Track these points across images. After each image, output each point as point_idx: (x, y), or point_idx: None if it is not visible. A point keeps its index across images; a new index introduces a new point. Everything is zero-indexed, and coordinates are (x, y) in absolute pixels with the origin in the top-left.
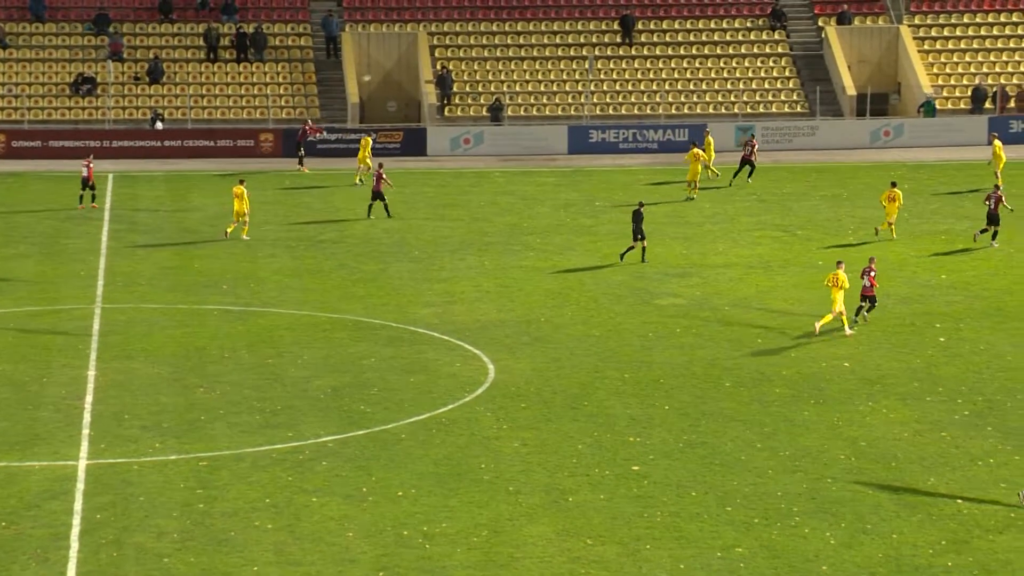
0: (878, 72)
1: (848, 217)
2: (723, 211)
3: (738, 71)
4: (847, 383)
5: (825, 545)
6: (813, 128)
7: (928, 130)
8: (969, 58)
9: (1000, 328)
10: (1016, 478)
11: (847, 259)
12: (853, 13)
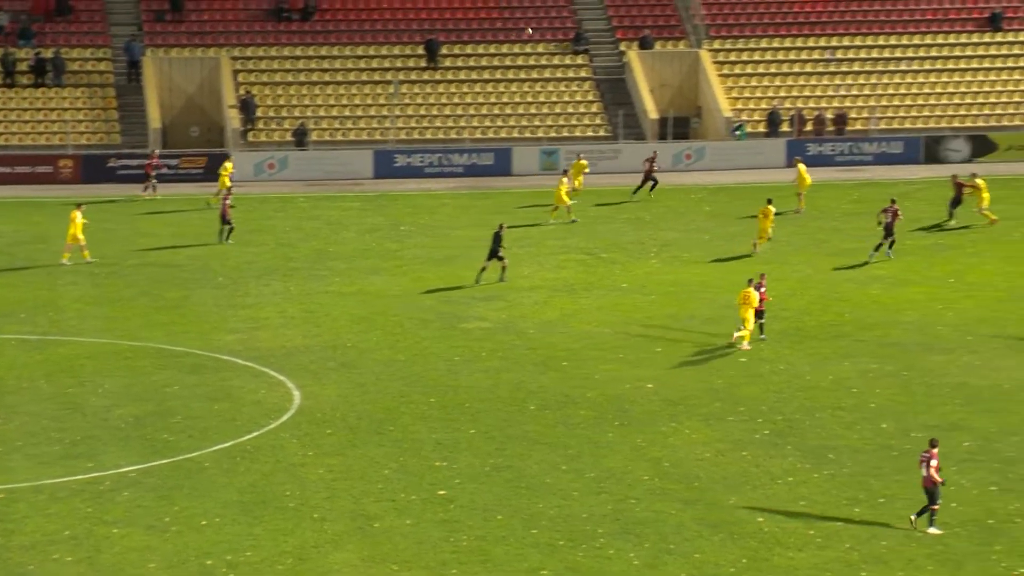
0: (679, 96)
1: (651, 240)
2: (529, 235)
3: (542, 95)
4: (650, 404)
5: (629, 566)
6: (616, 151)
7: (728, 153)
8: (767, 82)
9: (799, 348)
10: (815, 496)
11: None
12: (654, 38)
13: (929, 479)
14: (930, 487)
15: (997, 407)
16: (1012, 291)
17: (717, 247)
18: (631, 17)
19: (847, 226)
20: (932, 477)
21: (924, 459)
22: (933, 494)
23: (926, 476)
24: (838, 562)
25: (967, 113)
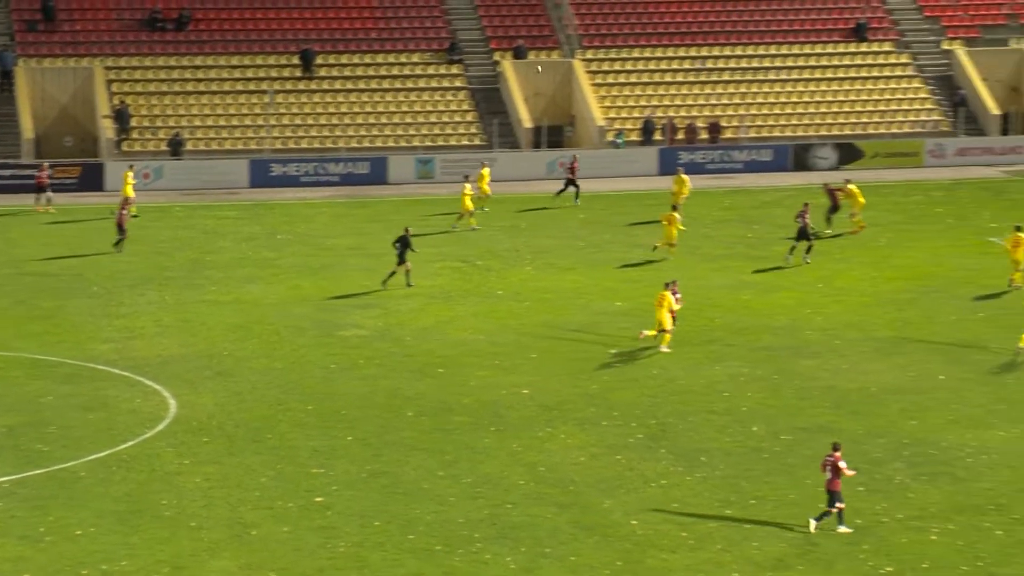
0: (553, 105)
1: (525, 247)
2: None
3: (417, 104)
4: (526, 410)
5: (505, 570)
6: (491, 160)
7: (602, 161)
8: (640, 91)
9: (672, 353)
10: (688, 498)
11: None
12: (528, 48)
13: (833, 482)
14: (834, 490)
15: (864, 410)
16: (878, 296)
17: (589, 254)
18: (505, 27)
19: (718, 233)
20: (837, 481)
21: (828, 462)
22: (835, 496)
23: (830, 479)
24: (710, 563)
25: (834, 122)
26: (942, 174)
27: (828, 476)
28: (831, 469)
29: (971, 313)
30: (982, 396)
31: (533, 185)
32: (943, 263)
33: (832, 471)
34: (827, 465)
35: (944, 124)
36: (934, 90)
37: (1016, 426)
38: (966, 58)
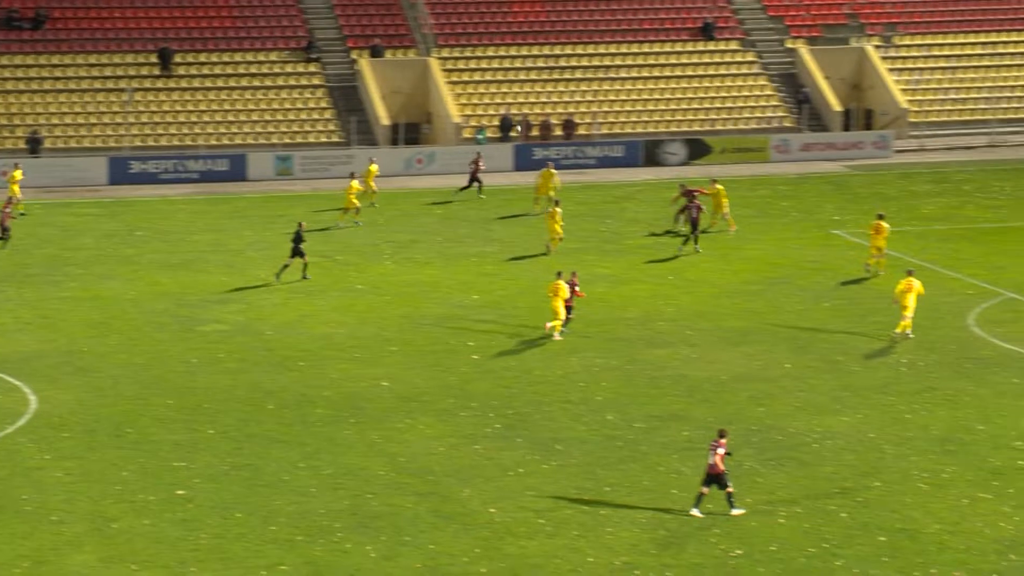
0: (410, 103)
1: (386, 243)
2: (263, 238)
3: (275, 102)
4: (385, 402)
5: (366, 559)
6: (350, 157)
7: (458, 158)
8: (495, 89)
9: (528, 345)
10: (544, 486)
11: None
12: (384, 47)
13: (715, 466)
14: (717, 473)
15: (714, 397)
16: (727, 287)
17: (446, 248)
18: (361, 26)
19: (572, 227)
20: (718, 464)
21: (713, 447)
22: (722, 479)
23: (712, 463)
24: (566, 549)
25: (683, 118)
26: (787, 169)
27: (710, 460)
28: (712, 453)
29: (816, 303)
30: (827, 383)
31: (391, 182)
32: (789, 255)
33: (714, 456)
34: (712, 450)
35: (789, 120)
36: (779, 87)
37: (859, 412)
38: (809, 56)
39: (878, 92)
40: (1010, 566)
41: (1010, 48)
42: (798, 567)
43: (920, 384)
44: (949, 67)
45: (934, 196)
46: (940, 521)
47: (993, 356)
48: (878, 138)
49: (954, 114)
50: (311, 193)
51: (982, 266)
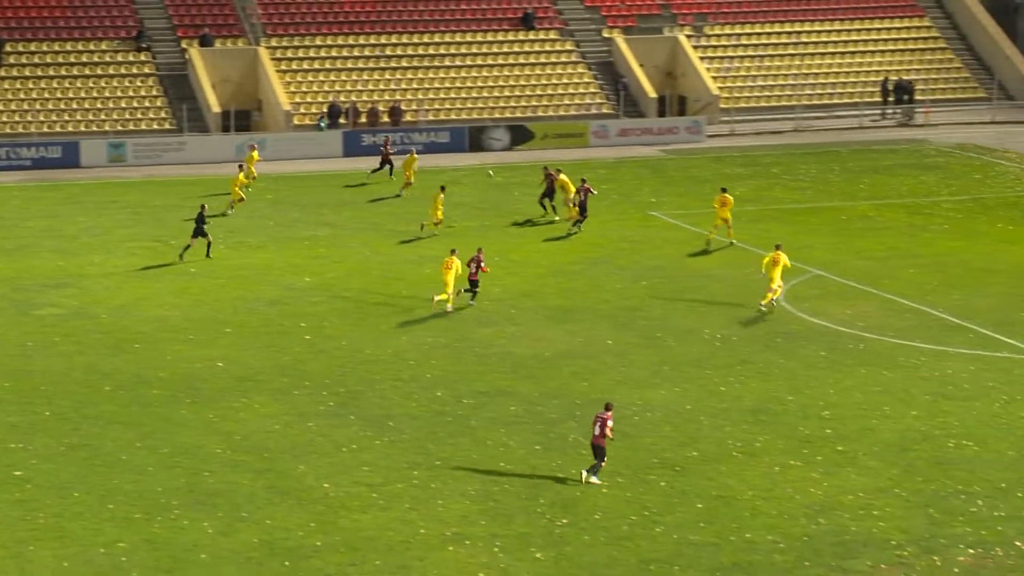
0: (240, 91)
1: (218, 226)
2: (98, 224)
3: (107, 90)
4: (221, 382)
5: (203, 535)
6: (182, 144)
7: (288, 144)
8: (323, 77)
9: (360, 325)
10: (377, 461)
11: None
12: (214, 36)
13: (600, 438)
14: (600, 445)
15: (539, 373)
16: (550, 267)
17: (278, 232)
18: (191, 16)
19: (401, 210)
20: (602, 438)
21: (599, 420)
22: (602, 451)
23: (597, 435)
24: (399, 521)
25: (506, 105)
26: (606, 153)
27: (595, 432)
28: (599, 426)
29: (635, 282)
30: (646, 359)
31: (223, 167)
32: (609, 236)
33: (599, 428)
34: (597, 422)
35: (607, 107)
36: (596, 75)
37: (677, 385)
38: (625, 45)
39: (691, 80)
40: (819, 530)
41: (813, 37)
42: (620, 534)
43: (734, 358)
44: (757, 56)
45: (744, 179)
46: (753, 488)
47: (801, 330)
48: (691, 123)
49: (762, 100)
50: (144, 180)
51: (790, 245)
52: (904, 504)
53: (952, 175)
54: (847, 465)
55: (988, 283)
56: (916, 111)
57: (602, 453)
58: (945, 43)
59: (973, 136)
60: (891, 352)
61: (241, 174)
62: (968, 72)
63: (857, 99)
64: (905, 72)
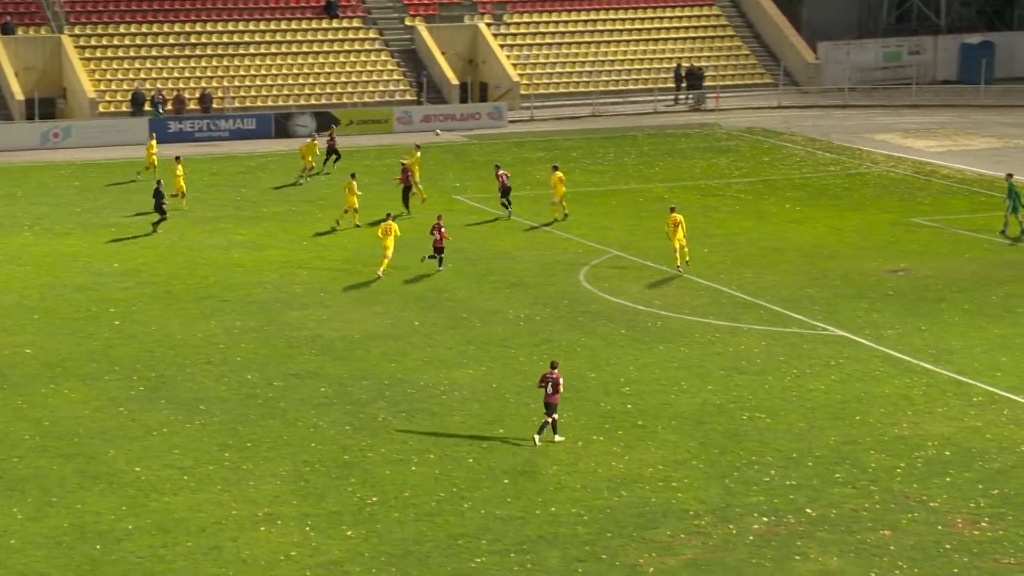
0: (44, 78)
1: (24, 213)
2: None
3: None
4: (29, 368)
5: (13, 520)
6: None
7: (94, 131)
8: (128, 65)
9: (169, 310)
10: (188, 444)
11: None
12: (16, 24)
13: (552, 396)
14: (552, 403)
15: (348, 355)
16: (359, 251)
17: (87, 218)
18: None
19: (208, 196)
20: (556, 395)
21: (549, 380)
22: (553, 408)
23: (550, 394)
24: (210, 503)
25: (311, 92)
26: (410, 139)
27: (548, 391)
28: (551, 385)
29: (441, 264)
30: (452, 339)
31: (26, 155)
32: (415, 219)
33: (552, 387)
34: (547, 381)
35: (410, 93)
36: (400, 62)
37: (483, 365)
38: (427, 33)
39: (491, 66)
40: (621, 501)
41: (608, 25)
42: (429, 511)
43: (537, 337)
44: (555, 43)
45: (545, 163)
46: (558, 463)
47: (602, 309)
48: (493, 109)
49: (561, 87)
50: None
51: (590, 226)
52: (701, 475)
53: (742, 158)
54: (647, 439)
55: (777, 261)
56: (707, 96)
57: (554, 409)
58: (734, 31)
59: (761, 120)
60: (687, 329)
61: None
62: (756, 59)
63: (652, 85)
64: (696, 59)
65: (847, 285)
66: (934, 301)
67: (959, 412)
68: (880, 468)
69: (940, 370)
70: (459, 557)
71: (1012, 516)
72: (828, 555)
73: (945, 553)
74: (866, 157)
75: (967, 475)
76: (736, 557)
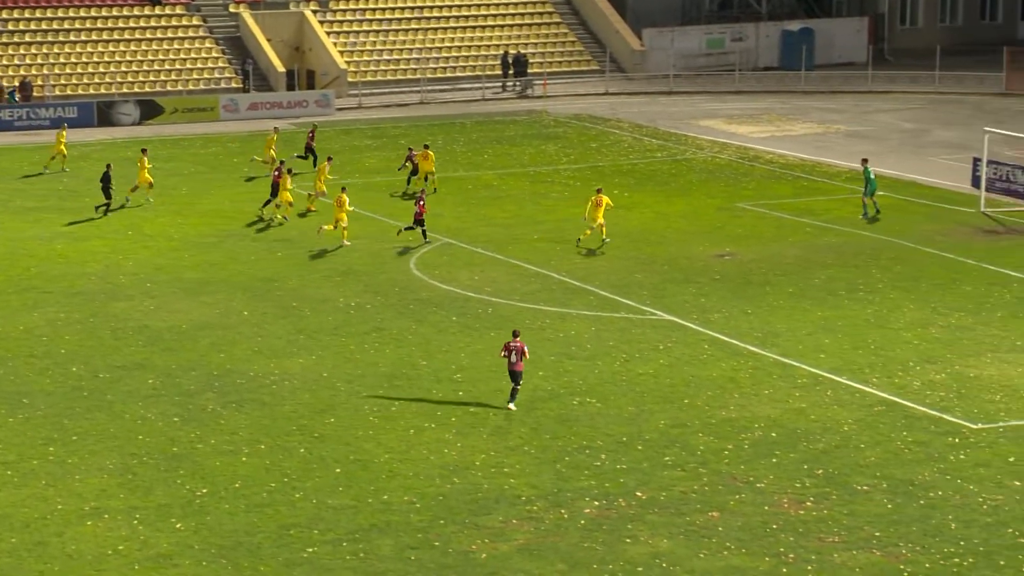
0: None
1: None
2: None
3: None
4: None
5: None
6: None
7: None
8: None
9: None
10: (11, 438)
11: None
12: None
13: (518, 364)
14: (520, 371)
15: (176, 346)
16: (185, 240)
17: None
18: None
19: (30, 187)
20: (520, 363)
21: (514, 349)
22: (519, 376)
23: (515, 362)
24: (35, 498)
25: (135, 80)
26: (237, 127)
27: (512, 360)
28: (515, 353)
29: (270, 253)
30: (282, 328)
31: None
32: (242, 208)
33: (516, 355)
34: (510, 351)
35: (236, 81)
36: (225, 50)
37: (313, 354)
38: (252, 21)
39: (318, 54)
40: (453, 488)
41: (435, 12)
42: (260, 501)
43: (368, 325)
44: (382, 31)
45: (374, 150)
46: (390, 451)
47: (433, 297)
48: (320, 97)
49: (388, 74)
50: None
51: None
52: (533, 461)
53: (570, 144)
54: (479, 426)
55: (606, 247)
56: (534, 83)
57: (520, 377)
58: (560, 18)
59: (588, 107)
60: (518, 315)
61: (145, 162)
62: (582, 46)
63: (479, 72)
64: (523, 46)
65: (674, 270)
66: (759, 285)
67: (784, 394)
68: (708, 450)
69: (766, 353)
70: (291, 547)
71: (836, 495)
72: (658, 537)
73: (772, 533)
74: (691, 143)
75: (792, 456)
76: (567, 541)
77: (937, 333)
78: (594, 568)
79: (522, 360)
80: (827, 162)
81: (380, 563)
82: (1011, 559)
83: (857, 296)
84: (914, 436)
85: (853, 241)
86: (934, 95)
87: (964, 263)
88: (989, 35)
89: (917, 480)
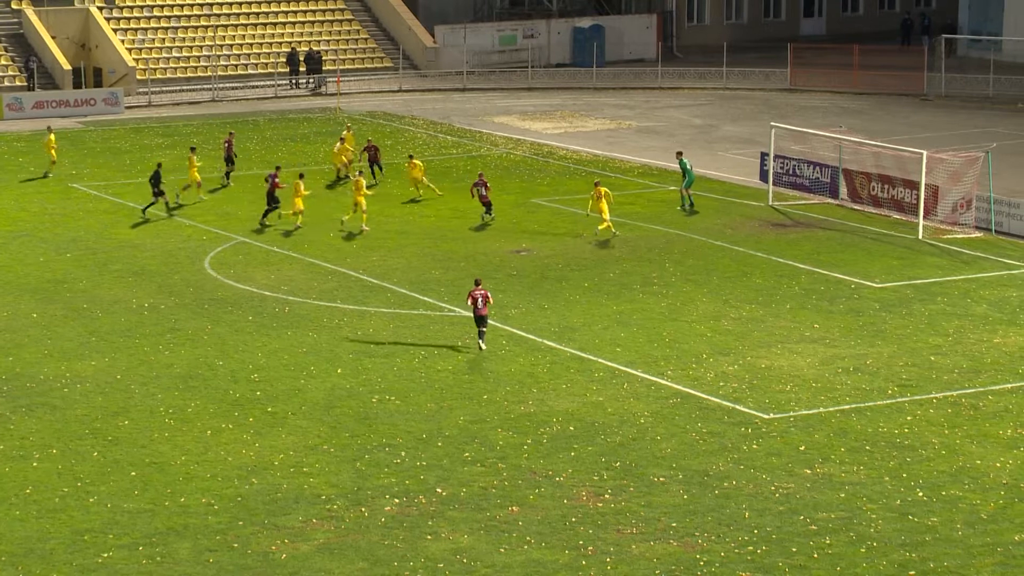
0: None
1: None
2: None
3: None
4: None
5: None
6: None
7: None
8: None
9: None
10: None
11: None
12: None
13: (483, 309)
14: (484, 315)
15: None
16: None
17: None
18: None
19: None
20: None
21: (479, 297)
22: (484, 320)
23: (480, 307)
24: None
25: None
26: (22, 126)
27: (478, 305)
28: (481, 299)
29: (59, 254)
30: (73, 331)
31: None
32: (29, 208)
33: (482, 300)
34: (477, 298)
35: (20, 79)
36: (7, 47)
37: (107, 356)
38: (35, 17)
39: (105, 51)
40: (252, 489)
41: (225, 9)
42: (53, 507)
43: (163, 326)
44: (171, 27)
45: (165, 148)
46: (187, 453)
47: (228, 296)
48: (108, 95)
49: (179, 71)
50: None
51: (214, 213)
52: (333, 460)
53: (365, 142)
54: (277, 425)
55: (403, 245)
56: (327, 80)
57: (485, 321)
58: (352, 15)
59: (382, 104)
60: (315, 314)
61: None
62: (375, 43)
63: (272, 70)
64: (316, 43)
65: (472, 266)
66: (555, 280)
67: (582, 388)
68: (508, 445)
69: (563, 347)
70: (84, 553)
71: (633, 487)
72: (459, 533)
73: (571, 526)
74: (486, 140)
75: (590, 449)
76: (368, 539)
77: (729, 325)
78: (395, 566)
79: (487, 305)
80: (619, 158)
81: (177, 567)
82: (803, 545)
83: (651, 290)
84: (708, 427)
85: (646, 235)
86: (722, 91)
87: (754, 256)
88: (774, 32)
89: (712, 471)
